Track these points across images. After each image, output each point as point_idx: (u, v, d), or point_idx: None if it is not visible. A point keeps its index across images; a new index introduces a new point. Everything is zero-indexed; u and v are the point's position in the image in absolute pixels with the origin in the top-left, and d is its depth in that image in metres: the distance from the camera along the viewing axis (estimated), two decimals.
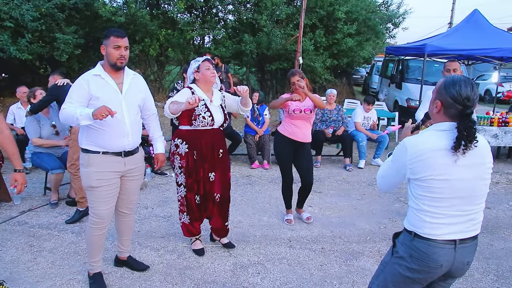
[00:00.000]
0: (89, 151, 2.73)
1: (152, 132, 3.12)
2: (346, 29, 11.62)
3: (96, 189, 2.73)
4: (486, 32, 8.75)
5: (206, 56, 3.48)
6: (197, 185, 3.39)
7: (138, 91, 2.87)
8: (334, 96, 7.03)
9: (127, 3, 10.34)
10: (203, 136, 3.29)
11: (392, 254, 1.93)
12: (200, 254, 3.50)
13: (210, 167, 3.38)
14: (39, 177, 5.38)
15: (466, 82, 1.73)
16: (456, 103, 1.73)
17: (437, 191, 1.74)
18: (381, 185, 1.98)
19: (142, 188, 5.21)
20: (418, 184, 1.77)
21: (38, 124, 4.50)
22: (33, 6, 8.36)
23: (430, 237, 1.78)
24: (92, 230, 2.83)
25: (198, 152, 3.31)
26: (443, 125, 1.78)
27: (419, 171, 1.74)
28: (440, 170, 1.72)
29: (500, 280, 3.33)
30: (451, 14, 25.54)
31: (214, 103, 3.34)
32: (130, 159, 2.84)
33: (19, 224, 4.05)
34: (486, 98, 17.14)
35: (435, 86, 1.85)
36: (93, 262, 2.93)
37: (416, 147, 1.75)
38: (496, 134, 7.26)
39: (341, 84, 15.23)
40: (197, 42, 12.79)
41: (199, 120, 3.23)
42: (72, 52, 9.12)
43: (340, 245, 3.86)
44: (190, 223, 3.49)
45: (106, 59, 2.72)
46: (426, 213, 1.78)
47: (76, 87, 2.69)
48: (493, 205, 5.22)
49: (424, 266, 1.80)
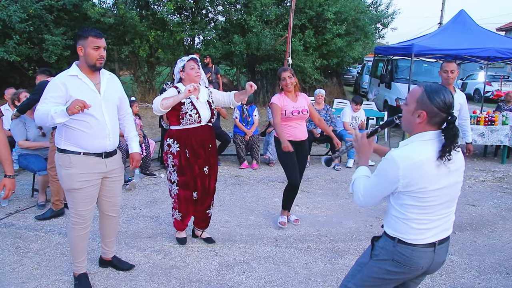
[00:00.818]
0: (69, 151, 2.69)
1: (127, 132, 3.12)
2: (336, 30, 11.70)
3: (78, 191, 2.71)
4: (473, 32, 8.87)
5: (192, 55, 3.53)
6: (193, 182, 3.49)
7: (115, 91, 2.87)
8: (322, 96, 7.08)
9: (117, 4, 10.32)
10: (193, 134, 3.40)
11: (371, 256, 1.92)
12: (182, 243, 3.68)
13: (204, 162, 3.50)
14: (27, 179, 5.36)
15: (446, 90, 1.74)
16: (441, 112, 1.72)
17: (428, 200, 1.74)
18: (366, 201, 1.84)
19: (131, 189, 5.22)
20: (409, 195, 1.74)
21: (24, 127, 4.50)
22: (20, 7, 8.35)
23: (414, 242, 1.79)
24: (74, 231, 2.83)
25: (190, 150, 3.41)
26: (427, 134, 1.75)
27: (413, 184, 1.71)
28: (432, 180, 1.72)
29: (482, 276, 3.40)
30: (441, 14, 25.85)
31: (200, 100, 3.43)
32: (110, 160, 2.84)
33: (5, 226, 4.04)
34: (476, 97, 17.33)
35: (412, 96, 1.78)
36: (78, 263, 2.93)
37: (407, 160, 1.69)
38: (483, 132, 7.36)
39: (332, 84, 15.32)
40: (187, 43, 12.79)
41: (186, 118, 3.33)
42: (61, 53, 9.11)
43: (326, 243, 3.90)
44: (181, 220, 3.63)
45: (84, 60, 2.66)
46: (413, 221, 1.78)
47: (52, 88, 2.62)
48: (478, 202, 5.30)
49: (405, 269, 1.83)
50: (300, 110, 4.03)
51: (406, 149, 1.74)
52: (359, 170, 1.95)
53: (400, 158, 1.70)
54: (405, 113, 1.81)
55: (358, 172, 1.94)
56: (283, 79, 3.99)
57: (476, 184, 6.15)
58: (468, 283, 3.29)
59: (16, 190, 4.96)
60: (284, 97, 4.05)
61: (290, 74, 4.00)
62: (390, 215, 1.87)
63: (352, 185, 1.92)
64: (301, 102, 4.10)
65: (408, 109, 1.78)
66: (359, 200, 1.85)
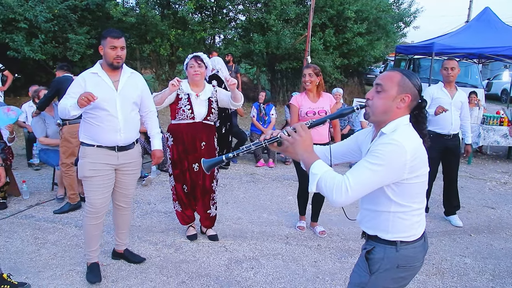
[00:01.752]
0: (86, 144, 2.89)
1: (149, 129, 3.24)
2: (356, 28, 11.54)
3: (89, 179, 2.89)
4: (498, 30, 8.59)
5: (195, 53, 3.58)
6: (183, 176, 3.60)
7: (134, 88, 2.98)
8: (340, 95, 7.04)
9: (139, 3, 10.51)
10: (185, 130, 3.47)
11: (371, 272, 1.74)
12: (192, 239, 3.73)
13: (194, 159, 3.54)
14: (48, 173, 5.55)
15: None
16: (419, 94, 1.71)
17: (424, 185, 1.69)
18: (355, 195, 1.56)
19: (147, 185, 5.33)
20: (411, 182, 1.63)
21: (43, 124, 4.66)
22: (46, 8, 8.58)
23: (415, 238, 1.72)
24: (87, 220, 2.97)
25: (181, 145, 3.50)
26: (406, 119, 1.70)
27: (417, 169, 1.62)
28: (426, 163, 1.68)
29: (496, 280, 3.32)
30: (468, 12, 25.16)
31: (200, 97, 3.49)
32: (123, 154, 2.96)
33: (26, 217, 4.20)
34: (503, 98, 16.79)
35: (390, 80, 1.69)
36: (90, 252, 3.05)
37: (411, 145, 1.60)
38: (506, 134, 7.15)
39: (353, 84, 15.16)
40: (208, 42, 12.89)
41: (180, 113, 3.44)
42: (84, 52, 9.33)
43: (337, 242, 3.89)
44: (182, 211, 3.72)
45: (104, 59, 2.85)
46: (415, 212, 1.70)
47: (74, 84, 2.85)
48: (498, 205, 5.16)
49: (411, 269, 1.76)
50: (316, 111, 3.79)
51: (404, 135, 1.62)
52: (316, 166, 1.62)
53: (404, 143, 1.57)
54: (384, 100, 1.68)
55: (317, 168, 1.61)
56: (304, 75, 3.83)
57: (497, 187, 5.99)
58: (481, 286, 3.22)
59: (37, 184, 5.22)
60: (304, 96, 3.88)
61: (311, 72, 3.79)
62: (385, 217, 1.71)
63: (317, 184, 1.59)
64: (321, 103, 3.85)
65: (387, 94, 1.67)
66: (344, 196, 1.53)
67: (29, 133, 5.96)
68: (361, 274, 1.79)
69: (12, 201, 4.62)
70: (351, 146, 1.94)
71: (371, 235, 1.77)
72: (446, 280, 3.25)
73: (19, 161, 6.05)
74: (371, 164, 1.57)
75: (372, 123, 1.77)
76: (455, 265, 3.53)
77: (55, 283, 2.99)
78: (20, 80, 9.81)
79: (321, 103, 3.85)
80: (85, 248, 3.10)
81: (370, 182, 1.58)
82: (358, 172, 1.58)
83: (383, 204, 1.70)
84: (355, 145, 1.92)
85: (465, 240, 4.07)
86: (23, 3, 8.52)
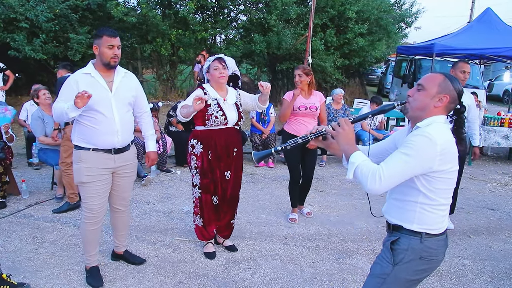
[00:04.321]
0: (80, 147, 2.78)
1: (144, 131, 3.16)
2: (357, 29, 11.54)
3: (87, 185, 2.80)
4: (499, 31, 8.59)
5: (218, 55, 3.39)
6: (214, 186, 3.36)
7: (128, 89, 2.89)
8: (341, 96, 7.03)
9: (140, 3, 10.53)
10: (217, 136, 3.26)
11: (394, 263, 1.80)
12: (211, 258, 3.45)
13: (226, 166, 3.36)
14: (47, 173, 5.56)
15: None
16: (458, 99, 1.80)
17: (452, 182, 1.77)
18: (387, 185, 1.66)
19: (146, 185, 5.33)
20: (441, 176, 1.71)
21: (43, 123, 4.66)
22: (47, 7, 8.61)
23: (440, 232, 1.80)
24: (86, 225, 2.90)
25: (213, 152, 3.28)
26: (442, 118, 1.79)
27: (446, 162, 1.69)
28: (456, 160, 1.75)
29: (494, 282, 3.31)
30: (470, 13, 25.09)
31: (228, 102, 3.31)
32: (120, 156, 2.89)
33: (25, 216, 4.20)
34: (505, 99, 16.77)
35: (432, 80, 1.79)
36: (89, 257, 3.00)
37: (442, 138, 1.67)
38: (507, 135, 7.14)
39: (354, 84, 15.13)
40: (209, 42, 12.90)
41: (212, 119, 3.21)
42: (85, 52, 9.35)
43: (335, 243, 3.88)
44: (203, 226, 3.44)
45: (99, 58, 2.73)
46: (441, 207, 1.77)
47: (65, 86, 2.73)
48: (498, 206, 5.15)
49: (432, 263, 1.82)
50: (308, 106, 4.12)
51: (436, 129, 1.69)
52: (355, 155, 1.73)
53: (435, 137, 1.65)
54: (423, 97, 1.78)
55: (356, 157, 1.73)
56: (295, 75, 4.15)
57: (497, 188, 5.97)
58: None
59: (37, 183, 5.23)
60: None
61: (300, 72, 4.09)
62: (412, 207, 1.77)
63: (354, 172, 1.70)
64: (312, 100, 4.17)
65: (427, 93, 1.78)
66: (376, 184, 1.63)
67: (29, 133, 5.96)
68: (383, 265, 1.84)
69: (11, 200, 4.63)
70: (388, 145, 2.03)
71: (396, 227, 1.84)
72: (444, 282, 3.24)
73: (18, 161, 6.06)
74: (403, 154, 1.67)
75: (410, 119, 1.87)
76: (454, 266, 3.52)
77: (52, 283, 2.99)
78: (21, 80, 9.83)
79: (312, 99, 4.18)
80: (84, 252, 3.05)
81: (402, 172, 1.67)
82: (391, 162, 1.68)
83: (411, 194, 1.77)
84: (392, 143, 2.01)
85: (464, 241, 4.06)
86: (24, 2, 8.55)
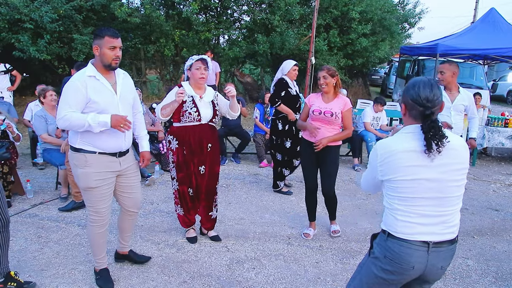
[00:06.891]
0: (85, 151, 2.70)
1: (138, 131, 3.12)
2: (361, 29, 11.54)
3: (95, 189, 2.74)
4: (503, 32, 8.55)
5: (202, 56, 3.51)
6: (189, 179, 3.54)
7: (129, 90, 2.88)
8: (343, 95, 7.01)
9: (143, 4, 10.57)
10: (192, 132, 3.43)
11: (369, 255, 1.95)
12: (193, 242, 3.71)
13: (200, 161, 3.51)
14: (52, 173, 5.58)
15: (426, 83, 1.77)
16: (416, 104, 1.77)
17: (406, 191, 1.78)
18: (363, 186, 2.06)
19: (150, 185, 5.35)
20: (388, 184, 1.83)
21: (45, 122, 4.67)
22: (51, 8, 8.67)
23: (402, 237, 1.79)
24: (94, 228, 2.87)
25: (188, 147, 3.45)
26: (408, 128, 1.82)
27: (387, 173, 1.80)
28: (408, 170, 1.75)
29: (498, 282, 3.30)
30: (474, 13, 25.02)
31: (204, 99, 3.46)
32: (124, 159, 2.87)
33: (30, 216, 4.23)
34: (509, 99, 16.71)
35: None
36: (99, 259, 2.99)
37: (384, 149, 1.81)
38: (511, 135, 7.11)
39: (357, 85, 15.13)
40: (212, 43, 12.94)
41: (186, 116, 3.38)
42: (89, 52, 9.39)
43: (339, 243, 3.88)
44: (184, 214, 3.68)
45: (100, 60, 2.64)
46: (397, 212, 1.82)
47: (73, 91, 2.58)
48: (502, 207, 5.13)
49: (396, 267, 1.81)
50: (322, 111, 3.72)
51: (387, 139, 1.85)
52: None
53: (379, 147, 1.83)
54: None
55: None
56: (318, 78, 3.78)
57: (501, 188, 5.95)
58: None
59: (41, 183, 5.25)
60: (318, 96, 3.85)
61: (325, 74, 3.70)
62: (384, 207, 1.92)
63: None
64: (332, 105, 3.74)
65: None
66: (361, 184, 2.04)
67: (33, 133, 5.99)
68: (366, 255, 2.02)
69: (16, 200, 4.66)
70: None
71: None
72: (448, 282, 3.24)
73: (23, 161, 6.10)
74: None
75: None
76: (458, 267, 3.51)
77: (57, 282, 3.01)
78: (26, 80, 9.90)
79: (332, 104, 3.74)
80: (93, 256, 3.03)
81: (366, 177, 1.98)
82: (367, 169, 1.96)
83: (383, 196, 1.93)
84: None
85: (468, 242, 4.05)
86: (28, 3, 8.61)
